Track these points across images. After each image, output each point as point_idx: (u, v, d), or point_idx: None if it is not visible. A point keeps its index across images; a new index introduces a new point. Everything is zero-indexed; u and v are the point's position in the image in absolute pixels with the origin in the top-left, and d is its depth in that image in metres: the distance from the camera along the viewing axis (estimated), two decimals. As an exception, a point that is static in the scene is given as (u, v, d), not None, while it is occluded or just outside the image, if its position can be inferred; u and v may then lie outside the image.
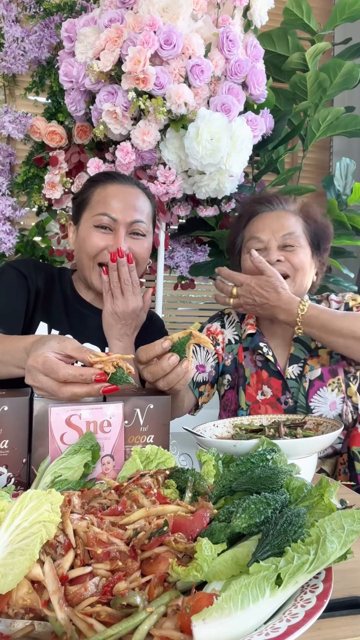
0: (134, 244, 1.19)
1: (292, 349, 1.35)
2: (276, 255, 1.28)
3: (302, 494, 0.62)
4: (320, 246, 1.37)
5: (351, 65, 1.96)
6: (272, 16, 1.87)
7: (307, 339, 1.35)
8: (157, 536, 0.53)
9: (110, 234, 1.18)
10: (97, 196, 1.21)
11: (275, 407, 1.32)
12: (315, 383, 1.31)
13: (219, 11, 1.65)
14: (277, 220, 1.31)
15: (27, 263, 1.28)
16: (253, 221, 1.36)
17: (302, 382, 1.31)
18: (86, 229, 1.20)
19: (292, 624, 0.43)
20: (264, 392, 1.34)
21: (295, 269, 1.29)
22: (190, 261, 2.13)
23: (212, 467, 0.73)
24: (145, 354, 0.88)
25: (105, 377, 0.76)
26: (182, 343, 0.87)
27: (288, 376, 1.32)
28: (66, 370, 0.75)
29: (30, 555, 0.48)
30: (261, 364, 1.36)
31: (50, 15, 1.97)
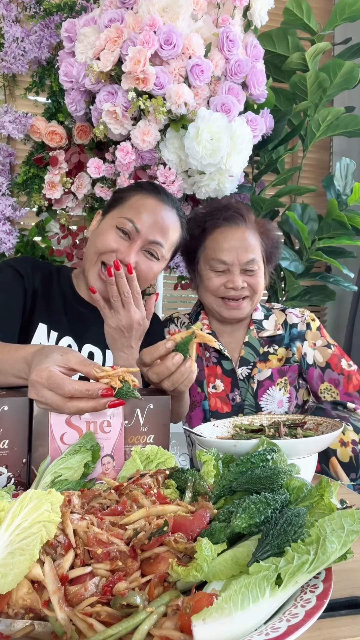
0: (144, 261, 1.18)
1: (242, 352, 1.44)
2: (240, 281, 1.35)
3: (302, 494, 0.62)
4: (272, 259, 1.47)
5: (351, 65, 1.96)
6: (272, 16, 1.87)
7: (256, 343, 1.44)
8: (157, 536, 0.53)
9: (127, 240, 1.16)
10: (134, 201, 1.19)
11: (224, 402, 1.43)
12: (265, 383, 1.41)
13: (219, 11, 1.65)
14: (241, 242, 1.36)
15: (25, 262, 1.25)
16: (215, 236, 1.39)
17: (250, 383, 1.41)
18: (107, 225, 1.18)
19: (292, 624, 0.43)
20: (215, 386, 1.43)
21: (254, 291, 1.39)
22: (190, 261, 2.12)
23: (212, 467, 0.73)
24: (149, 356, 0.89)
25: (112, 392, 0.75)
26: (185, 343, 0.88)
27: (238, 376, 1.42)
28: (72, 386, 0.74)
29: (30, 555, 0.48)
30: (216, 360, 1.45)
31: (50, 15, 1.97)
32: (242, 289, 1.37)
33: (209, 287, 1.39)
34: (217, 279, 1.38)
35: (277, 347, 1.45)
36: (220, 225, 1.40)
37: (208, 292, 1.41)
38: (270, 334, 1.45)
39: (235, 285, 1.35)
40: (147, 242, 1.16)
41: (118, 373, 0.76)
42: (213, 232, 1.40)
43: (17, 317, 1.17)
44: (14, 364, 0.86)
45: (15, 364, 0.86)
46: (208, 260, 1.39)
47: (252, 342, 1.45)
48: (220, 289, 1.37)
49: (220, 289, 1.37)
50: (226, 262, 1.36)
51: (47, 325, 1.21)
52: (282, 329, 1.46)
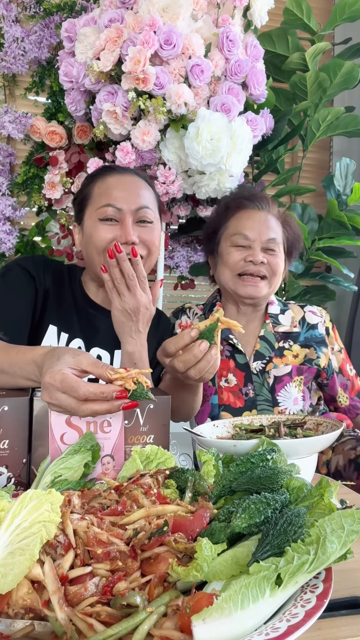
0: (143, 232, 1.16)
1: (257, 345, 1.42)
2: (261, 256, 1.35)
3: (302, 494, 0.62)
4: (291, 254, 1.47)
5: (351, 65, 1.96)
6: (272, 16, 1.87)
7: (272, 338, 1.43)
8: (157, 536, 0.53)
9: (116, 225, 1.14)
10: (97, 190, 1.18)
11: (236, 396, 1.40)
12: (284, 379, 1.40)
13: (219, 11, 1.65)
14: (264, 223, 1.38)
15: (36, 261, 1.23)
16: (240, 216, 1.40)
17: (264, 377, 1.40)
18: (91, 225, 1.16)
19: (292, 624, 0.43)
20: (228, 380, 1.42)
21: (274, 272, 1.37)
22: (190, 261, 2.13)
23: (212, 467, 0.73)
24: (173, 345, 0.90)
25: (126, 394, 0.74)
26: (210, 330, 0.88)
27: (252, 370, 1.41)
28: (87, 389, 0.73)
29: (30, 555, 0.48)
30: (229, 354, 1.43)
31: (50, 15, 1.97)
32: (262, 265, 1.35)
33: (229, 261, 1.38)
34: (237, 253, 1.37)
35: (292, 343, 1.43)
36: (244, 207, 1.41)
37: (227, 268, 1.40)
38: (286, 330, 1.44)
39: (255, 259, 1.34)
40: (134, 212, 1.15)
41: (132, 375, 0.76)
42: (237, 212, 1.41)
43: (27, 319, 1.15)
44: (23, 366, 0.86)
45: (24, 366, 0.85)
46: (230, 236, 1.39)
47: (267, 336, 1.43)
48: (239, 263, 1.37)
49: (240, 263, 1.37)
50: (248, 237, 1.36)
51: (57, 327, 1.19)
52: (299, 326, 1.45)
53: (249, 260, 1.35)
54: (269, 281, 1.38)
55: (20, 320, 1.14)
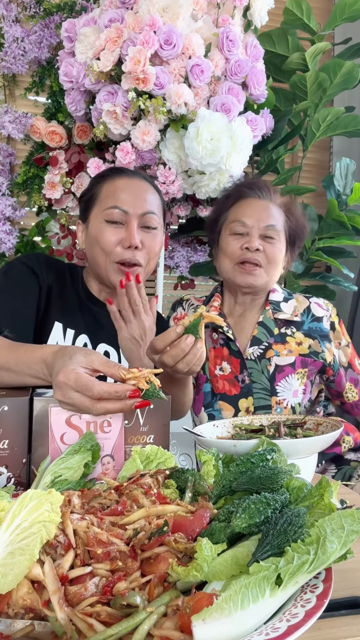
0: (147, 237, 1.18)
1: (255, 331, 1.41)
2: (257, 243, 1.33)
3: (302, 494, 0.62)
4: (294, 244, 1.45)
5: (351, 65, 1.96)
6: (272, 16, 1.87)
7: (271, 324, 1.42)
8: (157, 536, 0.53)
9: (122, 227, 1.16)
10: (105, 191, 1.19)
11: (232, 384, 1.39)
12: (286, 369, 1.38)
13: (219, 11, 1.65)
14: (264, 210, 1.37)
15: (38, 258, 1.24)
16: (240, 204, 1.40)
17: (264, 364, 1.38)
18: (97, 225, 1.17)
19: (292, 624, 0.43)
20: (222, 368, 1.42)
21: (269, 261, 1.36)
22: (190, 261, 2.13)
23: (212, 467, 0.73)
24: (161, 342, 0.94)
25: (139, 393, 0.75)
26: (194, 325, 0.93)
27: (247, 356, 1.39)
28: (101, 387, 0.74)
29: (30, 555, 0.48)
30: (223, 342, 1.43)
31: (50, 15, 1.97)
32: (258, 252, 1.34)
33: (227, 250, 1.38)
34: (235, 241, 1.37)
35: (295, 330, 1.42)
36: (245, 196, 1.40)
37: (226, 257, 1.39)
38: (287, 318, 1.42)
39: (251, 245, 1.33)
40: (140, 217, 1.16)
41: (144, 374, 0.77)
42: (237, 201, 1.41)
43: (32, 316, 1.16)
44: (31, 364, 0.86)
45: (33, 365, 0.86)
46: (229, 225, 1.39)
47: (266, 321, 1.42)
48: (237, 252, 1.36)
49: (237, 252, 1.36)
50: (246, 224, 1.35)
51: (62, 324, 1.20)
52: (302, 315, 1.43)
53: (246, 248, 1.35)
54: (265, 270, 1.37)
55: (26, 317, 1.15)
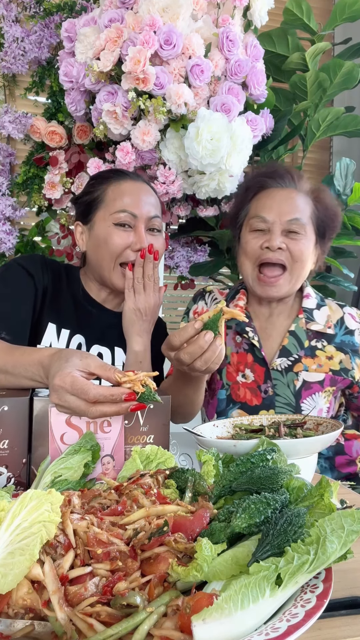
0: (153, 240, 1.19)
1: (285, 340, 1.30)
2: (279, 241, 1.21)
3: (302, 494, 0.62)
4: (325, 235, 1.30)
5: (351, 65, 1.96)
6: (272, 16, 1.87)
7: (302, 335, 1.30)
8: (157, 536, 0.53)
9: (130, 231, 1.17)
10: (112, 193, 1.18)
11: (254, 393, 1.29)
12: (314, 386, 1.28)
13: (219, 11, 1.65)
14: (286, 201, 1.23)
15: (34, 260, 1.23)
16: (260, 196, 1.28)
17: (290, 377, 1.27)
18: (105, 228, 1.17)
19: (292, 624, 0.43)
20: (245, 376, 1.31)
21: (294, 259, 1.23)
22: (190, 261, 2.13)
23: (212, 467, 0.73)
24: (178, 338, 0.92)
25: (135, 396, 0.75)
26: (214, 320, 0.89)
27: (274, 367, 1.29)
28: (97, 391, 0.74)
29: (30, 555, 0.48)
30: (247, 347, 1.32)
31: (50, 15, 1.97)
32: (279, 251, 1.21)
33: (246, 250, 1.26)
34: (255, 240, 1.24)
35: (326, 344, 1.30)
36: (266, 186, 1.28)
37: (246, 258, 1.27)
38: (320, 329, 1.30)
39: (271, 244, 1.20)
40: (147, 221, 1.18)
41: (140, 377, 0.77)
42: (258, 193, 1.29)
43: (28, 319, 1.16)
44: (28, 367, 0.86)
45: (29, 367, 0.86)
46: (249, 221, 1.27)
47: (298, 332, 1.29)
48: (256, 251, 1.24)
49: (257, 251, 1.24)
50: (266, 219, 1.23)
51: (56, 325, 1.20)
52: (334, 328, 1.31)
53: (266, 247, 1.22)
54: (290, 273, 1.23)
55: (22, 319, 1.15)
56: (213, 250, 2.14)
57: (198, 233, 2.05)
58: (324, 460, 1.31)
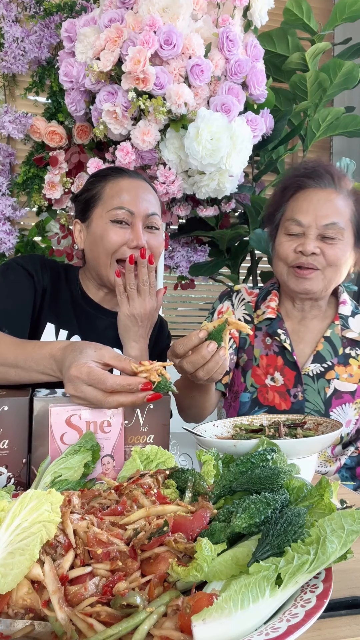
0: (151, 237, 1.17)
1: (320, 346, 1.26)
2: (313, 246, 1.17)
3: (302, 494, 0.62)
4: None
5: (351, 65, 1.96)
6: (272, 16, 1.87)
7: (338, 342, 1.27)
8: (157, 536, 0.53)
9: (127, 228, 1.15)
10: (109, 190, 1.17)
11: (283, 397, 1.25)
12: (345, 396, 1.24)
13: (219, 11, 1.65)
14: (324, 204, 1.19)
15: (34, 260, 1.22)
16: (297, 197, 1.23)
17: (321, 384, 1.24)
18: (102, 225, 1.15)
19: (292, 624, 0.43)
20: (274, 379, 1.27)
21: (328, 263, 1.19)
22: (190, 261, 2.13)
23: (212, 467, 0.73)
24: (182, 346, 0.91)
25: (151, 386, 0.76)
26: (218, 331, 0.89)
27: (306, 372, 1.25)
28: (114, 380, 0.75)
29: (30, 555, 0.48)
30: (278, 350, 1.28)
31: (50, 15, 1.97)
32: (313, 256, 1.17)
33: (280, 253, 1.23)
34: (289, 243, 1.20)
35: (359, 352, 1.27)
36: (304, 186, 1.23)
37: (279, 260, 1.24)
38: (355, 337, 1.26)
39: (305, 249, 1.16)
40: (145, 218, 1.15)
41: (156, 367, 0.78)
42: (296, 193, 1.24)
43: (27, 319, 1.16)
44: (39, 361, 0.86)
45: (41, 361, 0.86)
46: (284, 223, 1.23)
47: (333, 338, 1.26)
48: (290, 255, 1.20)
49: (291, 255, 1.20)
50: (302, 223, 1.18)
51: (55, 325, 1.19)
52: None
53: (299, 251, 1.18)
54: (322, 273, 1.19)
55: (21, 319, 1.15)
56: (213, 250, 2.14)
57: (198, 233, 2.05)
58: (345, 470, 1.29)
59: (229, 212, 1.99)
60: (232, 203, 1.91)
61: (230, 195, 1.82)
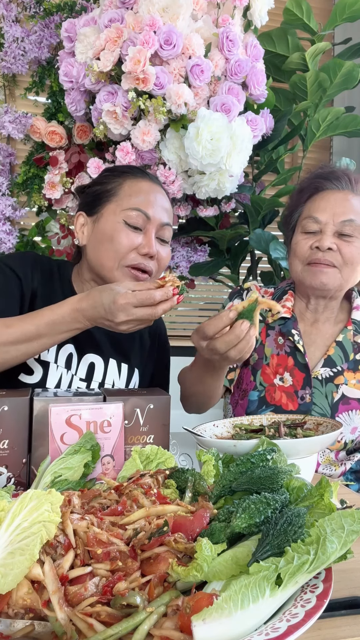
0: (161, 249, 1.12)
1: (331, 350, 1.25)
2: (329, 242, 1.17)
3: (302, 494, 0.62)
4: None
5: (351, 65, 1.96)
6: (272, 16, 1.87)
7: (349, 347, 1.26)
8: (157, 536, 0.53)
9: (140, 233, 1.08)
10: (128, 189, 1.11)
11: (290, 398, 1.24)
12: (352, 402, 1.23)
13: (219, 11, 1.65)
14: (342, 203, 1.19)
15: (24, 260, 1.14)
16: (315, 198, 1.24)
17: (329, 389, 1.23)
18: (113, 224, 1.08)
19: (292, 624, 0.43)
20: (283, 379, 1.26)
21: (345, 261, 1.18)
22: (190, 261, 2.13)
23: (212, 467, 0.73)
24: (213, 327, 0.94)
25: (177, 290, 0.90)
26: (249, 310, 0.93)
27: (316, 375, 1.24)
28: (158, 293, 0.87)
29: (30, 555, 0.48)
30: (290, 350, 1.27)
31: (50, 15, 1.97)
32: (330, 252, 1.17)
33: (296, 251, 1.22)
34: (305, 240, 1.21)
35: None
36: (322, 188, 1.24)
37: (295, 258, 1.24)
38: None
39: (321, 245, 1.16)
40: (159, 227, 1.10)
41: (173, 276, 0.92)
42: (313, 195, 1.25)
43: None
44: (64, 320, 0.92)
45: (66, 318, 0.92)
46: (301, 222, 1.24)
47: (345, 343, 1.25)
48: (306, 252, 1.20)
49: (306, 252, 1.20)
50: (319, 220, 1.19)
51: None
52: None
53: (316, 247, 1.18)
54: (340, 271, 1.19)
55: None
56: (213, 250, 2.14)
57: (198, 233, 2.05)
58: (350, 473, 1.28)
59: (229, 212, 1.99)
60: (232, 203, 1.90)
61: (230, 195, 1.82)
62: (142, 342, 1.27)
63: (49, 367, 1.10)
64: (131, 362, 1.22)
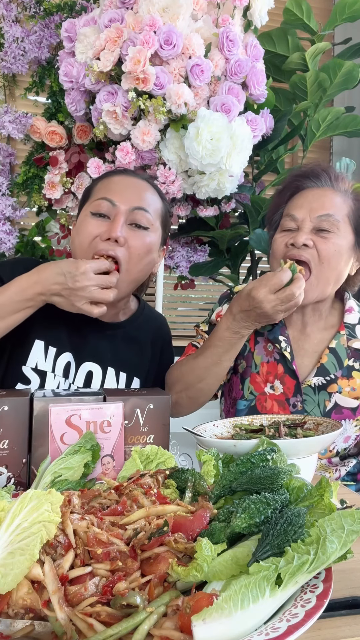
0: (133, 236, 1.05)
1: (324, 358, 1.19)
2: (304, 237, 1.11)
3: (302, 494, 0.62)
4: None
5: (351, 65, 1.96)
6: (272, 16, 1.87)
7: (343, 353, 1.20)
8: (157, 536, 0.53)
9: (107, 221, 1.05)
10: (100, 185, 1.12)
11: (282, 406, 1.20)
12: (345, 411, 1.18)
13: (219, 11, 1.65)
14: (319, 199, 1.15)
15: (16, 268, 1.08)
16: (295, 197, 1.21)
17: (322, 397, 1.19)
18: (82, 218, 1.09)
19: (292, 624, 0.43)
20: (274, 387, 1.22)
21: (321, 259, 1.11)
22: (190, 261, 2.13)
23: (212, 467, 0.73)
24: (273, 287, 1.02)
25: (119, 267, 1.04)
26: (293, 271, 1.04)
27: (309, 384, 1.19)
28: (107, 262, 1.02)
29: (30, 555, 0.48)
30: (279, 357, 1.22)
31: (50, 15, 1.97)
32: (305, 248, 1.11)
33: (273, 249, 1.18)
34: (282, 238, 1.16)
35: None
36: (302, 187, 1.20)
37: (273, 257, 1.19)
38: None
39: (296, 241, 1.11)
40: (128, 212, 1.06)
41: None
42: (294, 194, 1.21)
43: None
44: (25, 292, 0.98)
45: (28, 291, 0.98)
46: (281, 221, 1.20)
47: (339, 350, 1.19)
48: (282, 250, 1.15)
49: (281, 249, 1.15)
50: (296, 217, 1.14)
51: (44, 342, 1.10)
52: None
53: (291, 244, 1.13)
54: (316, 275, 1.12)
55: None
56: (213, 250, 2.14)
57: (198, 233, 2.05)
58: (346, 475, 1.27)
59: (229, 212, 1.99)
60: (232, 203, 1.90)
61: (230, 195, 1.81)
62: (143, 351, 1.24)
63: (46, 377, 1.09)
64: (130, 371, 1.20)
